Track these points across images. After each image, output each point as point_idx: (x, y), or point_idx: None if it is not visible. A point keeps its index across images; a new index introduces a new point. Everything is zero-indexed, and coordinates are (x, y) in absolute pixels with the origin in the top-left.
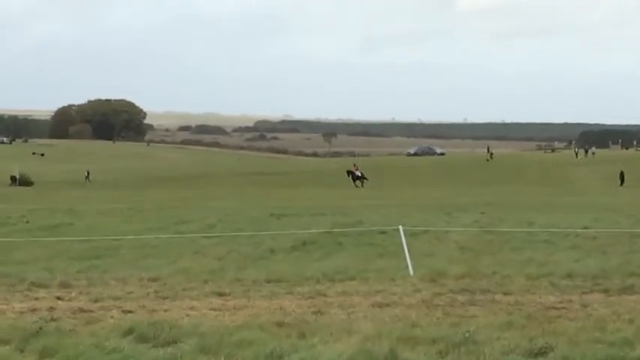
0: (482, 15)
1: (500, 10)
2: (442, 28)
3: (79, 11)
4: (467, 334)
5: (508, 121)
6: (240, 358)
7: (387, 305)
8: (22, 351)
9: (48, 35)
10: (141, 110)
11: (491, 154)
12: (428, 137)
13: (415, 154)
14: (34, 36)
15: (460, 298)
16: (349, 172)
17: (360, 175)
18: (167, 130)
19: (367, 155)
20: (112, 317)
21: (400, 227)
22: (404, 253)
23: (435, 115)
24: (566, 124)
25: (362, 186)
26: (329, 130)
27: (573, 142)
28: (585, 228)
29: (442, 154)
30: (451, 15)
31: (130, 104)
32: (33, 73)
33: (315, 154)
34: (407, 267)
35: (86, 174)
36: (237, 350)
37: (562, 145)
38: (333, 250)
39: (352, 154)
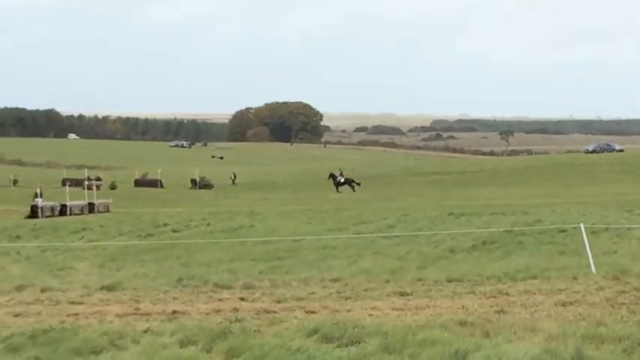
0: None
1: None
2: (622, 25)
3: (256, 17)
4: None
5: None
6: (425, 358)
7: (571, 304)
8: (208, 351)
9: (226, 41)
10: (317, 112)
11: None
12: (606, 134)
13: (593, 152)
14: (213, 42)
15: None
16: (332, 176)
17: (344, 180)
18: (344, 131)
19: (545, 153)
20: (295, 318)
21: (581, 225)
22: (585, 251)
23: (614, 112)
24: None
25: (353, 191)
26: (506, 129)
27: None
28: None
29: (621, 150)
30: (631, 11)
31: (307, 106)
32: (211, 78)
33: (492, 153)
34: (589, 265)
35: (232, 176)
36: (421, 349)
37: None
38: (514, 249)
39: (530, 152)
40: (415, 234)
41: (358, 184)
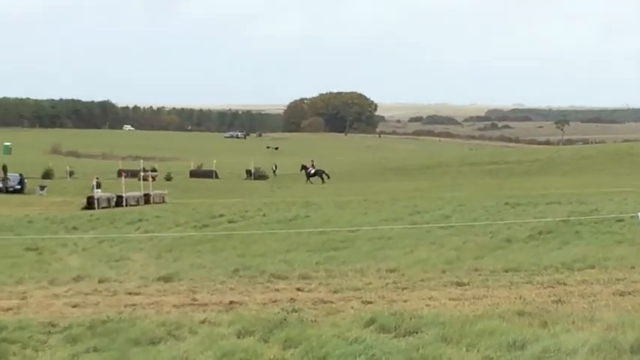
0: None
1: None
2: None
3: (310, 7)
4: None
5: None
6: (483, 348)
7: (629, 293)
8: (266, 341)
9: (280, 32)
10: (372, 102)
11: None
12: None
13: None
14: (267, 34)
15: None
16: (304, 167)
17: (314, 172)
18: (398, 121)
19: (601, 142)
20: (352, 308)
21: (639, 214)
22: None
23: None
24: None
25: (322, 182)
26: (561, 118)
27: None
28: None
29: None
30: None
31: (361, 96)
32: (265, 69)
33: (547, 142)
34: None
35: (273, 167)
36: (478, 339)
37: None
38: (571, 239)
39: (585, 142)
40: (471, 224)
41: (328, 177)
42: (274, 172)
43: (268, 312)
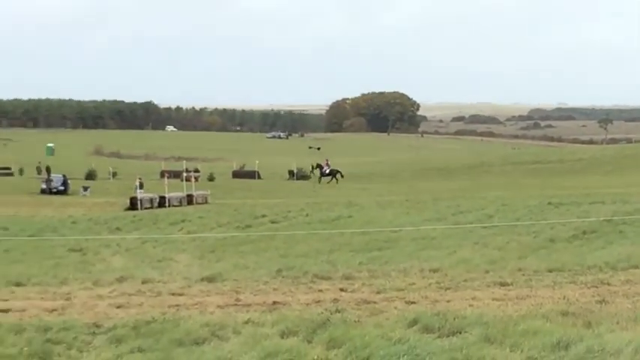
0: None
1: None
2: None
3: (353, 6)
4: None
5: None
6: (526, 348)
7: None
8: (309, 342)
9: (322, 33)
10: (414, 102)
11: None
12: None
13: None
14: (309, 34)
15: None
16: (318, 166)
17: (328, 171)
18: (440, 121)
19: None
20: (395, 308)
21: None
22: None
23: None
24: None
25: (336, 182)
26: (604, 117)
27: None
28: None
29: None
30: None
31: (403, 96)
32: (308, 70)
33: (590, 142)
34: None
35: (311, 168)
36: (522, 339)
37: None
38: (615, 239)
39: (629, 141)
40: (514, 224)
41: (342, 176)
42: (312, 172)
43: (311, 312)
